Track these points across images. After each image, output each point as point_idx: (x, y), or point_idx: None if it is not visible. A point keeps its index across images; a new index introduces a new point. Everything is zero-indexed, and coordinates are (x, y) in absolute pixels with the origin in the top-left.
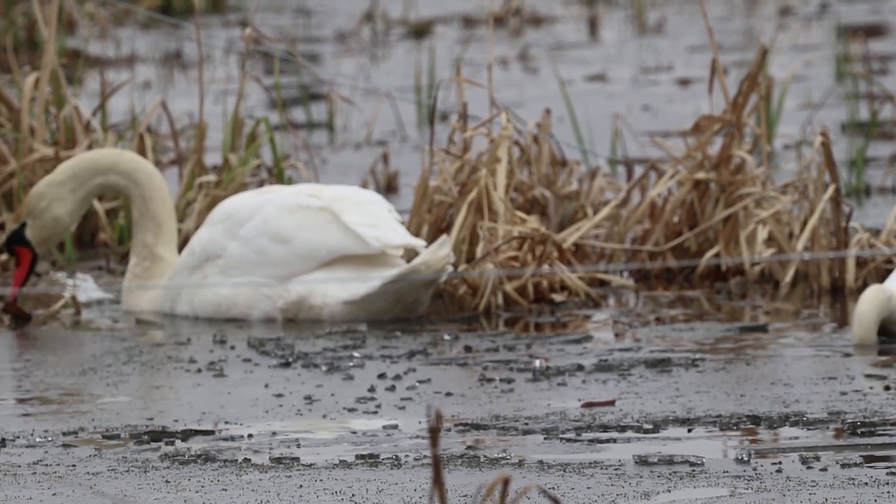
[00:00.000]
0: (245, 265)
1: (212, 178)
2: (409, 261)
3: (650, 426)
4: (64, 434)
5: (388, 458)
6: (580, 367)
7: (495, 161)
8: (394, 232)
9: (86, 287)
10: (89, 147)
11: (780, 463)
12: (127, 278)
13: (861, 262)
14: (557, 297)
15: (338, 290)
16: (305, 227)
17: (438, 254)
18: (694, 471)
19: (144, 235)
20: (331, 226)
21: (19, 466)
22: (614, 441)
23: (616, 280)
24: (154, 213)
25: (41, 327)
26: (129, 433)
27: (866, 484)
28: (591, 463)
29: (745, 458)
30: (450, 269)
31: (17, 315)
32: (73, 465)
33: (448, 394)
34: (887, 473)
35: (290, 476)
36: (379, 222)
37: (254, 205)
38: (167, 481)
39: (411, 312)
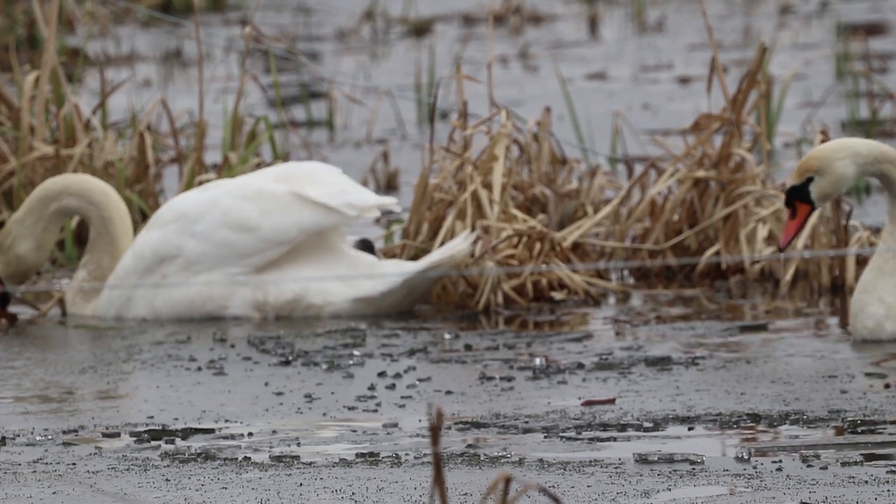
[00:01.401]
0: (208, 260)
1: (212, 176)
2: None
3: (650, 424)
4: (64, 432)
5: (389, 457)
6: (580, 366)
7: (493, 159)
8: (362, 193)
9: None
10: (89, 145)
11: (781, 461)
12: (72, 287)
13: (861, 261)
14: (557, 296)
15: (343, 287)
16: (270, 211)
17: (461, 247)
18: (694, 469)
19: (101, 257)
20: (297, 204)
21: (19, 465)
22: (614, 439)
23: (602, 283)
24: (113, 236)
25: (41, 326)
26: (129, 431)
27: (866, 482)
28: (591, 461)
29: (746, 457)
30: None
31: (5, 317)
32: (73, 464)
33: (448, 392)
34: (887, 472)
35: (291, 474)
36: (342, 188)
37: (206, 199)
38: (167, 480)
39: (414, 306)
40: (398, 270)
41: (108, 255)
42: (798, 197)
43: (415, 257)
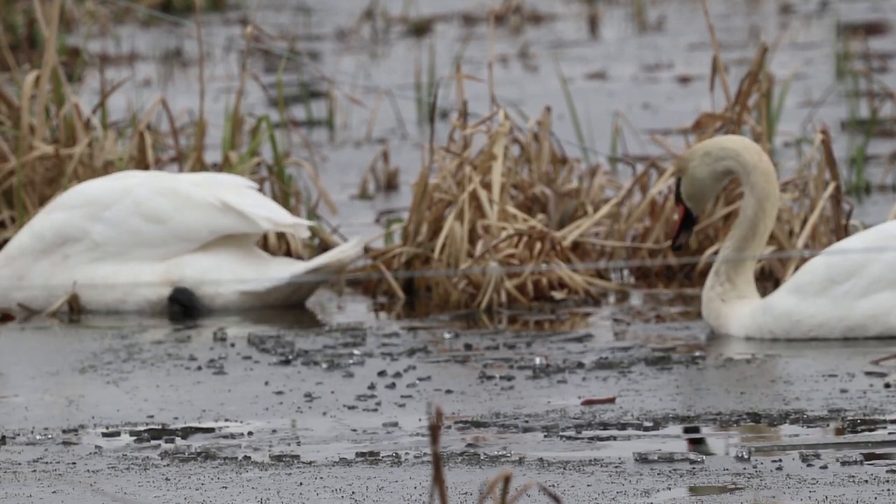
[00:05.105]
0: (115, 245)
1: None
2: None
3: (650, 424)
4: (64, 432)
5: (389, 456)
6: (580, 365)
7: (492, 158)
8: (280, 211)
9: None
10: (89, 145)
11: (781, 460)
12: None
13: None
14: (557, 295)
15: (234, 280)
16: (184, 208)
17: (349, 252)
18: (694, 468)
19: None
20: (212, 206)
21: (19, 464)
22: (614, 438)
23: (602, 283)
24: None
25: (41, 325)
26: (129, 431)
27: (866, 481)
28: (591, 460)
29: (746, 456)
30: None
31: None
32: (74, 463)
33: (448, 391)
34: (887, 471)
35: (291, 474)
36: (260, 202)
37: (118, 188)
38: (167, 479)
39: (304, 300)
40: (286, 270)
41: None
42: (677, 196)
43: (414, 257)
